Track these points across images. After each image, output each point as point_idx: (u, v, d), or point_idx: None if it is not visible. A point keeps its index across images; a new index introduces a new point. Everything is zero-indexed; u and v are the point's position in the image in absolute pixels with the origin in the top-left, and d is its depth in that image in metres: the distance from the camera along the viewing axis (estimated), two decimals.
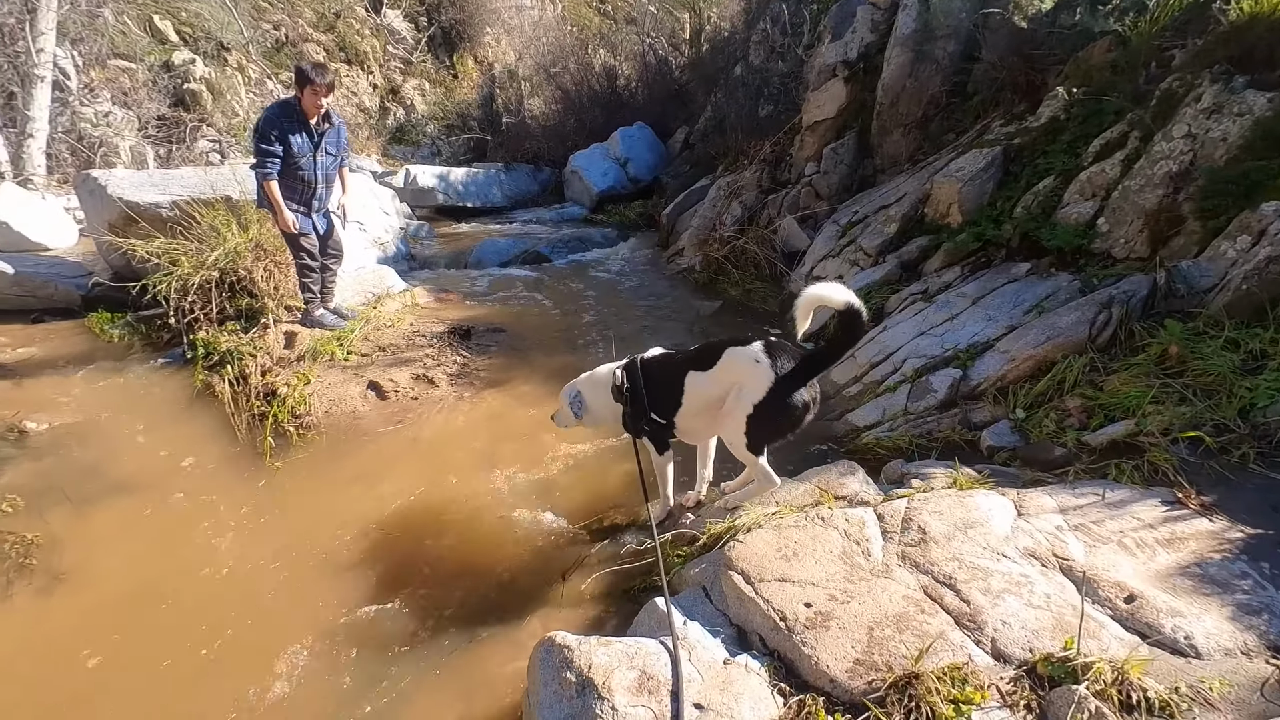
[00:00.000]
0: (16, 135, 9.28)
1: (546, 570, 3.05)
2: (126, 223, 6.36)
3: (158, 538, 3.48)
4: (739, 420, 2.68)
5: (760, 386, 2.63)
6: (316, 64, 4.93)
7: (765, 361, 2.64)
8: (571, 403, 3.08)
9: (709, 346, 2.88)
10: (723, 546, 2.55)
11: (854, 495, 2.83)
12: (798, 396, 2.66)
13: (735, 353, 2.71)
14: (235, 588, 3.10)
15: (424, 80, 14.33)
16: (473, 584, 3.00)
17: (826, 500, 2.77)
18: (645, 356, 3.00)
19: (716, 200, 8.09)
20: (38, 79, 9.09)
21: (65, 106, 10.36)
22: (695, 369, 2.81)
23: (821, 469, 3.04)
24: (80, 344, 6.04)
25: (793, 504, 2.82)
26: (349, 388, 4.86)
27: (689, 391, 2.81)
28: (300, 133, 4.89)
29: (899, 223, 5.93)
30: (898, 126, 7.14)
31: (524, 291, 7.30)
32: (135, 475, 4.00)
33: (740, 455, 2.78)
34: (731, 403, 2.71)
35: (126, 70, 11.16)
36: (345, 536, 3.35)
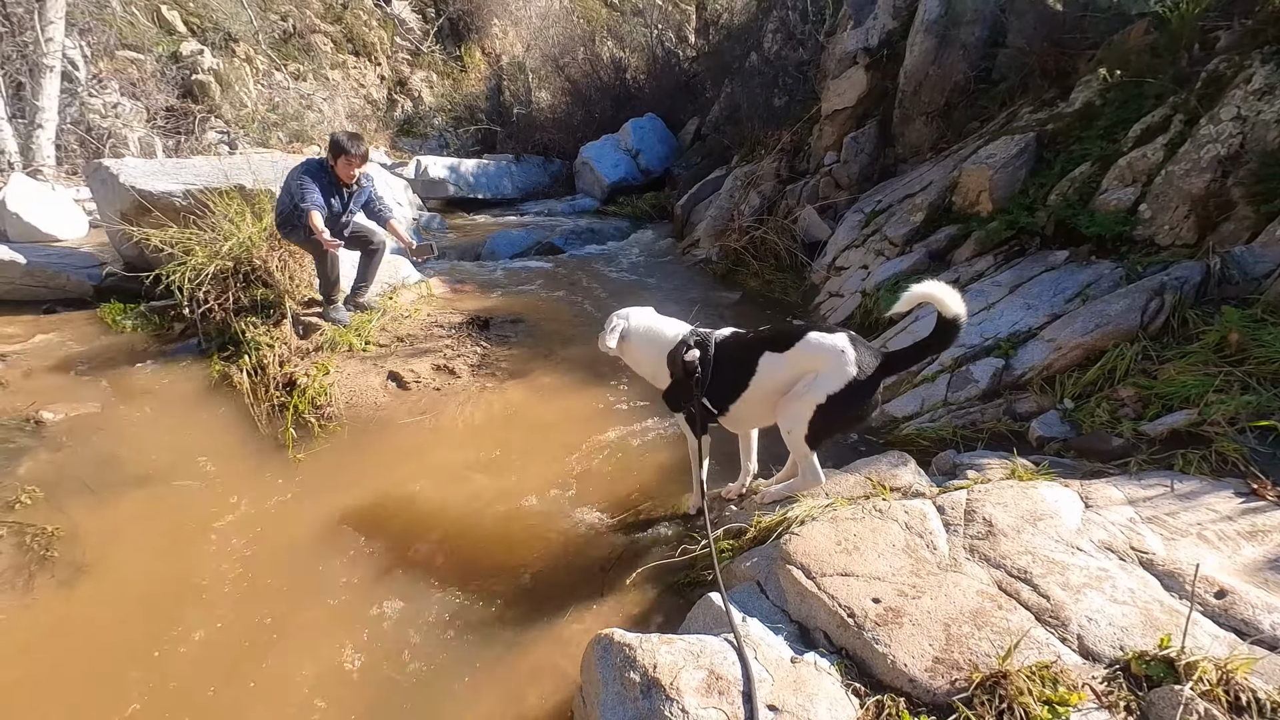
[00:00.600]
0: (26, 126, 9.16)
1: (584, 564, 2.94)
2: (139, 212, 6.27)
3: (180, 530, 3.37)
4: (806, 409, 2.55)
5: (839, 378, 2.50)
6: (351, 134, 5.05)
7: (850, 354, 2.51)
8: (613, 330, 2.88)
9: (786, 328, 2.76)
10: (777, 539, 2.44)
11: (908, 487, 2.72)
12: (872, 394, 2.55)
13: (819, 339, 2.57)
14: (261, 581, 2.98)
15: (432, 72, 14.19)
16: (507, 578, 2.89)
17: (881, 492, 2.65)
18: (719, 335, 2.83)
19: (733, 191, 7.96)
20: (46, 69, 8.97)
21: (74, 97, 10.25)
22: (771, 349, 2.66)
23: (870, 460, 2.92)
24: (93, 335, 5.93)
25: (844, 496, 2.70)
26: (369, 378, 4.75)
27: (762, 373, 2.65)
28: (333, 195, 5.03)
29: (925, 211, 5.80)
30: (920, 115, 7.00)
31: (539, 283, 7.18)
32: (155, 466, 3.89)
33: (795, 446, 2.65)
34: (802, 389, 2.57)
35: (135, 61, 11.04)
36: (374, 529, 3.23)
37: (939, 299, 2.40)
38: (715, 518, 2.93)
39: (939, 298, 2.41)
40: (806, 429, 2.59)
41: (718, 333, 2.84)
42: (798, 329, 2.66)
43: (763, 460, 3.10)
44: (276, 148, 11.50)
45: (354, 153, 4.92)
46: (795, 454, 2.71)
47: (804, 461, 2.71)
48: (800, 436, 2.61)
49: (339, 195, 5.08)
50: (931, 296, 2.42)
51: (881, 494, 2.64)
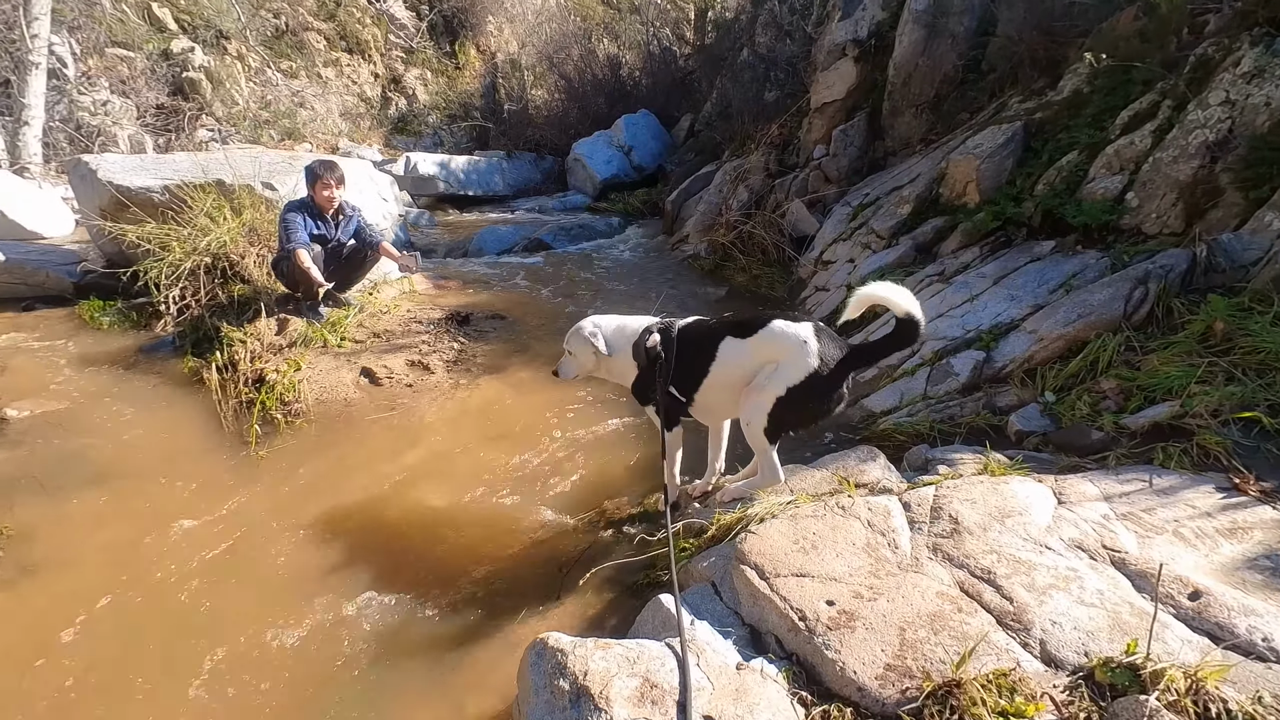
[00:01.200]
0: (13, 123, 9.09)
1: (544, 565, 2.82)
2: (118, 208, 6.18)
3: (135, 529, 3.26)
4: (766, 400, 2.43)
5: (800, 369, 2.39)
6: (324, 160, 5.11)
7: (813, 344, 2.40)
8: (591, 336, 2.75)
9: (751, 316, 2.65)
10: (734, 538, 2.32)
11: (876, 483, 2.59)
12: (837, 387, 2.44)
13: (781, 327, 2.46)
14: (212, 583, 2.87)
15: (426, 69, 14.08)
16: (465, 579, 2.77)
17: (847, 488, 2.53)
18: (682, 322, 2.73)
19: (722, 185, 7.84)
20: (32, 65, 8.89)
21: (63, 95, 10.17)
22: (733, 335, 2.55)
23: (839, 455, 2.79)
24: (70, 331, 5.84)
25: (809, 492, 2.58)
26: (341, 374, 4.64)
27: (721, 359, 2.54)
28: (319, 223, 5.05)
29: (913, 204, 5.67)
30: (910, 106, 6.87)
31: (524, 279, 7.06)
32: (115, 464, 3.79)
33: (754, 439, 2.53)
34: (763, 380, 2.46)
35: (125, 58, 10.96)
36: (330, 529, 3.12)
37: (888, 299, 2.32)
38: (679, 515, 2.81)
39: (887, 298, 2.32)
40: (766, 421, 2.47)
41: (679, 321, 2.73)
42: (762, 316, 2.54)
43: (732, 460, 2.99)
44: (268, 145, 11.42)
45: (327, 176, 4.91)
46: (754, 448, 2.59)
47: (763, 457, 2.59)
48: (759, 429, 2.49)
49: (325, 224, 5.08)
50: (879, 298, 2.34)
51: (847, 490, 2.51)
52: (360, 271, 5.73)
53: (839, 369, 2.43)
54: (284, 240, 4.81)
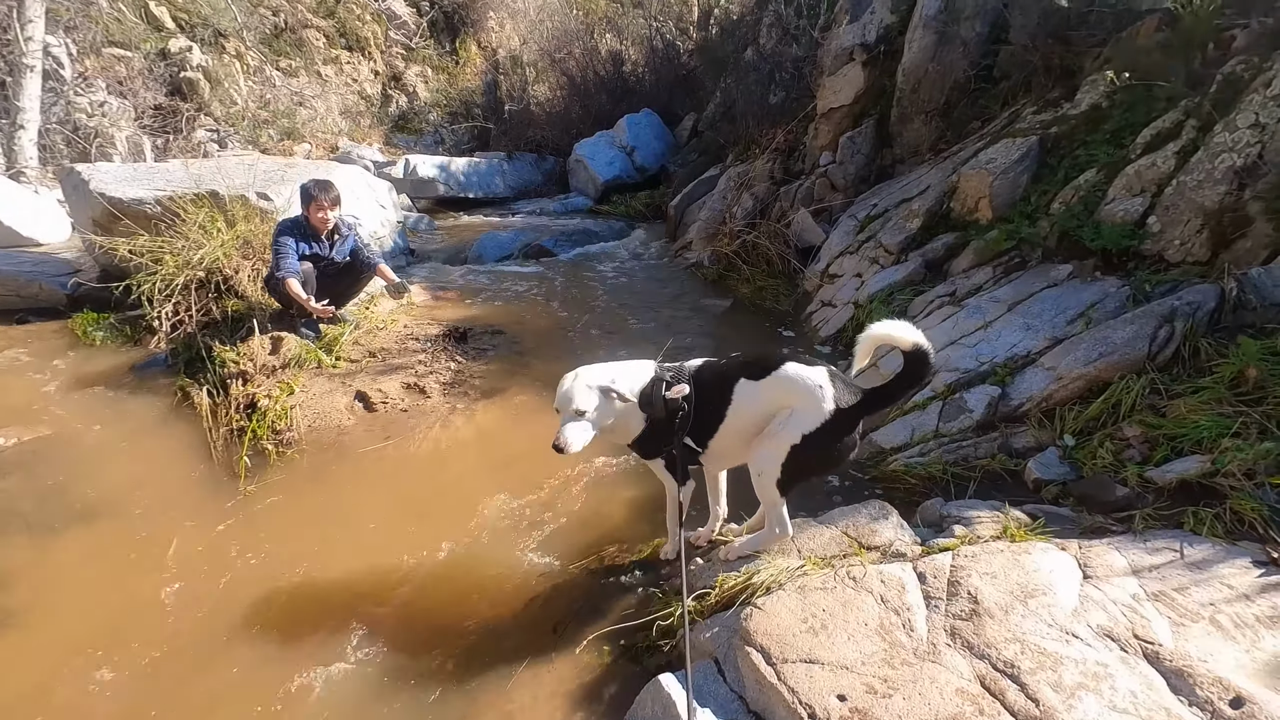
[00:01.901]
0: (8, 127, 8.91)
1: (538, 621, 2.68)
2: (110, 219, 6.04)
3: (118, 573, 3.14)
4: (780, 449, 2.28)
5: (816, 416, 2.25)
6: (319, 181, 4.88)
7: (829, 390, 2.26)
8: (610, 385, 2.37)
9: (763, 357, 2.50)
10: (739, 609, 2.17)
11: (888, 545, 2.44)
12: (852, 432, 2.30)
13: (796, 371, 2.30)
14: (195, 634, 2.75)
15: (426, 67, 13.84)
16: (452, 637, 2.63)
17: (858, 553, 2.38)
18: (693, 366, 2.53)
19: (726, 191, 7.64)
20: (27, 68, 8.70)
21: (59, 96, 9.99)
22: (747, 377, 2.38)
23: (849, 511, 2.64)
24: (61, 347, 5.70)
25: (818, 555, 2.43)
26: (335, 398, 4.49)
27: (737, 404, 2.38)
28: (312, 243, 4.87)
29: (922, 218, 5.48)
30: (919, 114, 6.66)
31: (525, 289, 6.90)
32: (102, 499, 3.66)
33: (765, 491, 2.38)
34: (776, 427, 2.30)
35: (122, 58, 10.76)
36: (311, 579, 2.99)
37: (891, 337, 2.21)
38: (676, 571, 2.66)
39: (890, 335, 2.21)
40: (779, 471, 2.32)
41: (689, 364, 2.55)
42: (774, 358, 2.39)
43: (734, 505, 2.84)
44: (268, 145, 11.23)
45: (322, 197, 4.73)
46: (764, 501, 2.44)
47: (772, 511, 2.44)
48: (771, 481, 2.34)
49: (319, 244, 4.91)
50: (883, 338, 2.23)
51: (859, 555, 2.36)
52: (356, 288, 5.58)
53: (853, 414, 2.29)
54: (275, 265, 4.65)
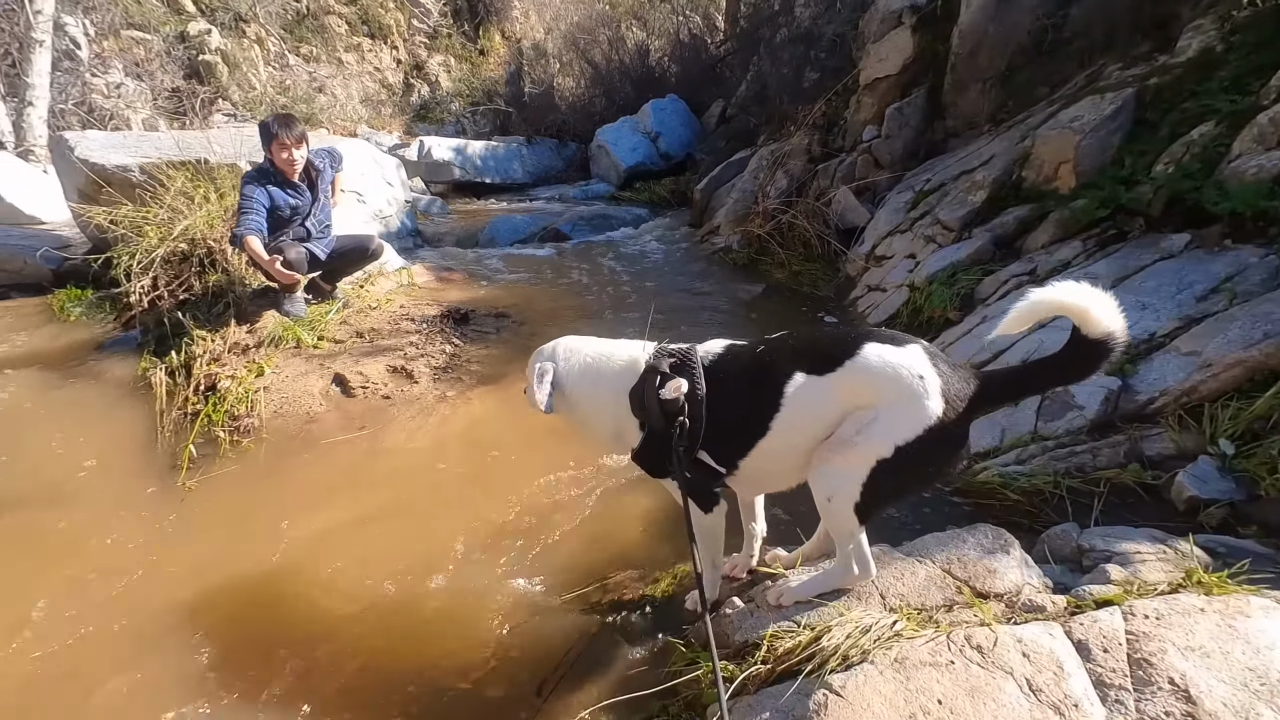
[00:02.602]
0: (17, 104, 8.45)
1: (516, 675, 1.93)
2: (95, 189, 5.45)
3: (21, 576, 2.46)
4: (860, 465, 1.50)
5: (915, 419, 1.46)
6: (280, 115, 4.05)
7: (933, 381, 1.47)
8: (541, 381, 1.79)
9: (825, 338, 1.74)
10: (803, 688, 1.40)
11: (1014, 592, 1.64)
12: (964, 436, 1.53)
13: (881, 357, 1.51)
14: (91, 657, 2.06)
15: (449, 56, 13.26)
16: (404, 696, 1.89)
17: (974, 604, 1.58)
18: (709, 350, 1.76)
19: (758, 171, 6.85)
20: (36, 44, 8.22)
21: (76, 77, 9.54)
22: (809, 370, 1.58)
23: (948, 539, 1.83)
24: (34, 324, 5.13)
25: (912, 604, 1.64)
26: (310, 381, 3.80)
27: (792, 410, 1.59)
28: (285, 191, 4.07)
29: (988, 189, 4.64)
30: (976, 81, 5.80)
31: (537, 272, 6.18)
32: (25, 488, 3.01)
33: (837, 520, 1.59)
34: (851, 434, 1.52)
35: (141, 40, 10.31)
36: (244, 603, 2.27)
37: (1081, 310, 1.38)
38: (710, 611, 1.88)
39: (1081, 308, 1.37)
40: (859, 495, 1.53)
41: (704, 347, 1.76)
42: (847, 339, 1.58)
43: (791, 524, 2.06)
44: None
45: (286, 135, 3.92)
46: (836, 533, 1.65)
47: (846, 543, 1.64)
48: (848, 507, 1.55)
49: (292, 189, 4.12)
50: (1067, 308, 1.39)
51: (975, 606, 1.57)
52: (355, 265, 4.90)
53: (968, 411, 1.49)
54: (237, 221, 3.94)
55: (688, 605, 1.99)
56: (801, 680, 1.44)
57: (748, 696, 1.54)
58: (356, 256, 4.63)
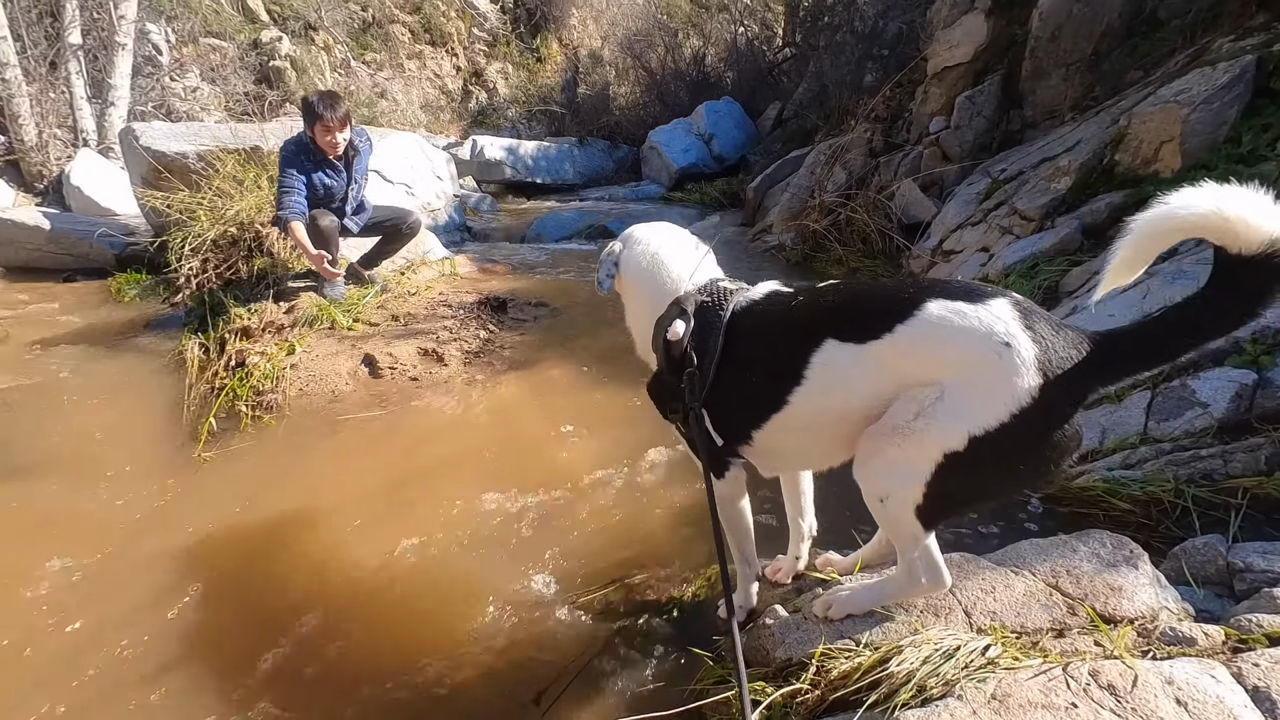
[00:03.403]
0: (100, 105, 8.85)
1: (513, 681, 1.63)
2: (157, 176, 5.54)
3: (24, 541, 2.34)
4: (923, 459, 1.15)
5: (1002, 398, 1.09)
6: (325, 94, 3.88)
7: (1025, 345, 1.09)
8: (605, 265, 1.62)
9: (871, 291, 1.39)
10: (868, 714, 1.06)
11: (1148, 618, 1.25)
12: (1071, 425, 1.12)
13: (949, 315, 1.14)
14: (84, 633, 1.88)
15: (507, 63, 13.35)
16: (395, 695, 1.62)
17: (1101, 630, 1.20)
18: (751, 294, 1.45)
19: (815, 166, 6.47)
20: (119, 47, 8.58)
21: (156, 81, 9.97)
22: (842, 336, 1.24)
23: (1050, 546, 1.44)
24: (94, 304, 5.24)
25: (1007, 624, 1.27)
26: (339, 361, 3.64)
27: (817, 378, 1.26)
28: (322, 171, 3.94)
29: (1075, 175, 4.15)
30: (1059, 67, 5.30)
31: (581, 267, 5.96)
32: (49, 455, 2.94)
33: (895, 523, 1.23)
34: (908, 416, 1.16)
35: (217, 48, 10.72)
36: (239, 583, 2.06)
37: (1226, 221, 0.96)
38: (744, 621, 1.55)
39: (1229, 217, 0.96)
40: (922, 496, 1.17)
41: (751, 290, 1.45)
42: (904, 294, 1.22)
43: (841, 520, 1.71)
44: None
45: (330, 116, 3.74)
46: (896, 538, 1.29)
47: (910, 549, 1.27)
48: (907, 510, 1.19)
49: (329, 169, 3.98)
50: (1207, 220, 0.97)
51: (1103, 633, 1.19)
52: (392, 244, 4.76)
53: (1077, 389, 1.11)
54: (278, 202, 3.80)
55: (719, 613, 1.65)
56: (863, 713, 1.09)
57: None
58: (392, 233, 4.47)
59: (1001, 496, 1.36)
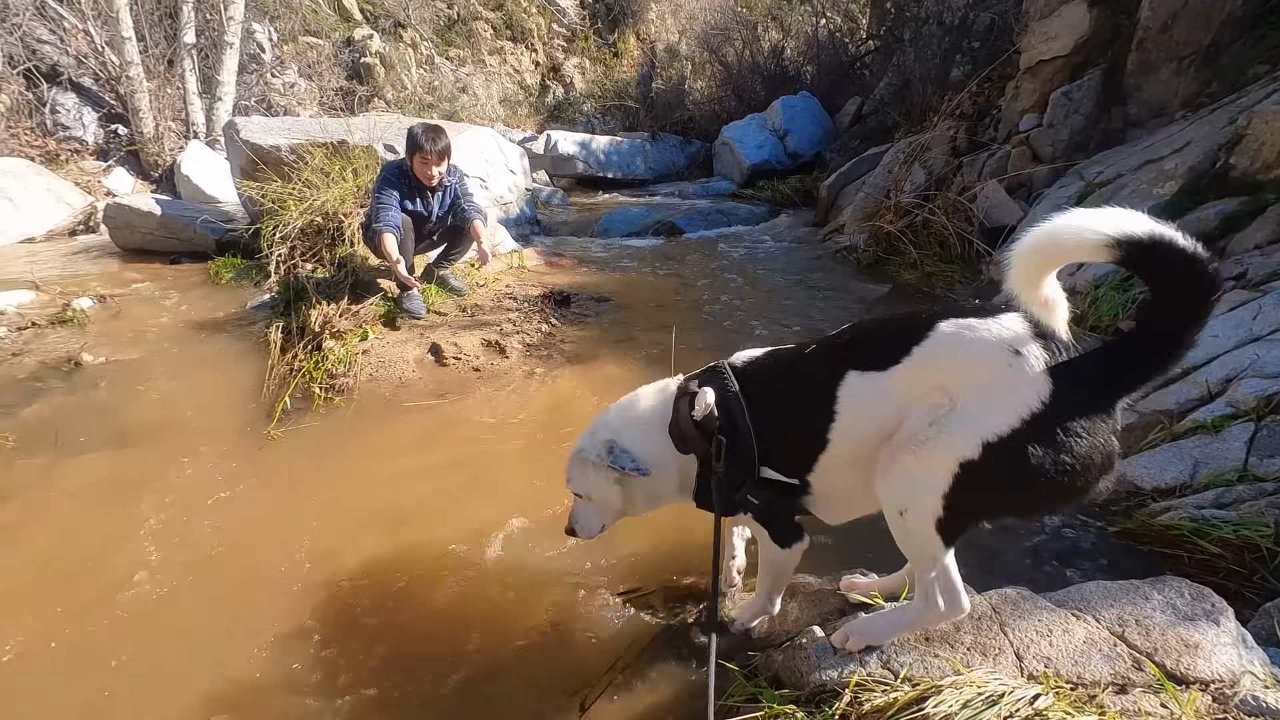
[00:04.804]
0: (209, 100, 9.53)
1: (552, 679, 1.65)
2: (254, 167, 5.92)
3: (111, 506, 2.55)
4: (938, 469, 1.13)
5: (1011, 403, 1.09)
6: (430, 127, 4.01)
7: (1034, 353, 1.11)
8: (616, 458, 1.54)
9: (893, 323, 1.37)
10: None
11: (1228, 682, 1.13)
12: (1093, 437, 1.08)
13: (958, 329, 1.18)
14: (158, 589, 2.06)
15: (585, 58, 13.48)
16: (432, 684, 1.68)
17: (1169, 691, 1.09)
18: (740, 360, 1.53)
19: (892, 165, 6.21)
20: (227, 44, 9.21)
21: (259, 77, 10.65)
22: (862, 367, 1.28)
23: (1120, 590, 1.32)
24: (195, 286, 5.64)
25: (1064, 674, 1.17)
26: (407, 349, 3.80)
27: (849, 410, 1.28)
28: (415, 199, 4.07)
29: (1181, 180, 3.81)
30: (1170, 60, 4.87)
31: (645, 263, 5.96)
32: (139, 425, 3.19)
33: (913, 541, 1.21)
34: (924, 426, 1.16)
35: (314, 45, 11.33)
36: (293, 554, 2.18)
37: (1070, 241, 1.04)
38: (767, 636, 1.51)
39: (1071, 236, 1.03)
40: (941, 509, 1.14)
41: (735, 358, 1.53)
42: (917, 321, 1.24)
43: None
44: None
45: (429, 150, 3.87)
46: (913, 556, 1.25)
47: (927, 570, 1.23)
48: (927, 524, 1.16)
49: (422, 198, 4.12)
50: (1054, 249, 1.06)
51: (1169, 693, 1.08)
52: (463, 245, 4.80)
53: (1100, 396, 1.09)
54: (374, 215, 3.94)
55: (752, 628, 1.63)
56: None
57: None
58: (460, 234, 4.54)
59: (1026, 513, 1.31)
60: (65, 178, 8.37)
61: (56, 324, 4.46)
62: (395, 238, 3.89)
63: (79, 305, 4.70)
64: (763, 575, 1.62)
